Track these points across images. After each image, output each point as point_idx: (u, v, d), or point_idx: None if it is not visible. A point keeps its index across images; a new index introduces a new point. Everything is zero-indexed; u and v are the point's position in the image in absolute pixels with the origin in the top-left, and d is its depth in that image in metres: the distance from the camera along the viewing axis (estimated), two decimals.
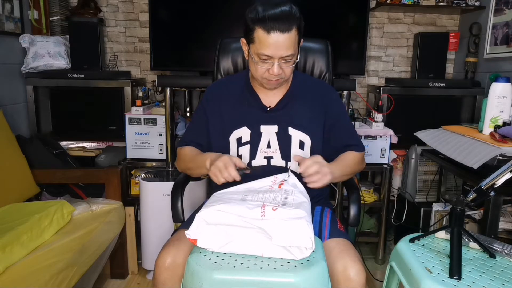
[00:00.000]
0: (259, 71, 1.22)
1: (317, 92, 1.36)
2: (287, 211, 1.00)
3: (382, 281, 1.74)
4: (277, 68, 1.18)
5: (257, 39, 1.16)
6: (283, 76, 1.23)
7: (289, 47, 1.16)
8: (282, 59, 1.18)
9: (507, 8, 2.19)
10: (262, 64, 1.20)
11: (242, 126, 1.30)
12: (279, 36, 1.14)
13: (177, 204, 1.29)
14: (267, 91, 1.32)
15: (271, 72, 1.20)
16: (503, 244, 1.14)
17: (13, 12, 2.23)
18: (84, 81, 2.34)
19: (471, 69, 2.49)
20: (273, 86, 1.28)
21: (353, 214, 1.25)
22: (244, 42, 1.25)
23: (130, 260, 2.09)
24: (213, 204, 1.05)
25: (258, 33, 1.15)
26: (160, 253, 1.11)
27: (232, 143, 1.31)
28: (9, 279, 1.23)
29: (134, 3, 2.66)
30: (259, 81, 1.28)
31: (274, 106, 1.32)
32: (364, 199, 2.32)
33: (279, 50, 1.15)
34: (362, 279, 1.05)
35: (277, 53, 1.16)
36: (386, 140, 2.25)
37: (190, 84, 2.24)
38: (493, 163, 1.45)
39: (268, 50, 1.15)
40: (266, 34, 1.14)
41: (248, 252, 1.01)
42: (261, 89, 1.33)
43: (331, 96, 1.38)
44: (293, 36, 1.16)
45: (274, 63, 1.18)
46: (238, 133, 1.31)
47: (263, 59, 1.18)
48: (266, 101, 1.33)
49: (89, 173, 2.03)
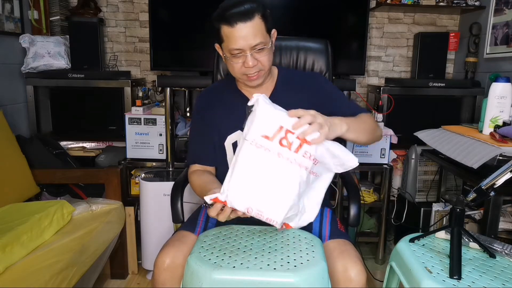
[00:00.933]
0: (236, 68, 1.21)
1: (304, 81, 1.35)
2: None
3: (382, 281, 1.74)
4: (251, 60, 1.17)
5: (225, 36, 1.17)
6: (261, 68, 1.21)
7: (256, 34, 1.15)
8: (254, 49, 1.17)
9: (507, 8, 2.19)
10: (236, 60, 1.19)
11: (235, 130, 1.29)
12: (242, 27, 1.13)
13: (177, 204, 1.29)
14: (255, 91, 1.30)
15: (246, 65, 1.18)
16: (503, 244, 1.14)
17: (13, 12, 2.23)
18: (84, 81, 2.34)
19: (471, 69, 2.49)
20: (256, 82, 1.25)
21: (353, 214, 1.25)
22: (218, 47, 1.25)
23: (130, 260, 2.09)
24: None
25: (224, 30, 1.16)
26: (159, 253, 1.11)
27: (228, 148, 1.31)
28: (9, 279, 1.23)
29: (134, 3, 2.66)
30: (241, 80, 1.27)
31: None
32: (364, 199, 2.32)
33: (246, 40, 1.15)
34: (362, 280, 1.05)
35: (245, 44, 1.15)
36: (386, 140, 2.25)
37: (190, 84, 2.24)
38: (493, 163, 1.45)
39: (236, 43, 1.15)
40: (230, 28, 1.14)
41: (271, 216, 1.01)
42: (249, 90, 1.31)
43: (319, 81, 1.36)
44: (257, 23, 1.15)
45: (246, 55, 1.17)
46: (233, 137, 1.30)
47: (235, 54, 1.18)
48: None
49: (89, 173, 2.03)
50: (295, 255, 1.01)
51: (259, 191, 1.00)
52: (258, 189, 1.00)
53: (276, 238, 1.10)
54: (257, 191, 1.00)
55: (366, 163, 2.29)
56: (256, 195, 1.00)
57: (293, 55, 1.55)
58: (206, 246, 1.05)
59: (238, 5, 1.14)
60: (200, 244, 1.06)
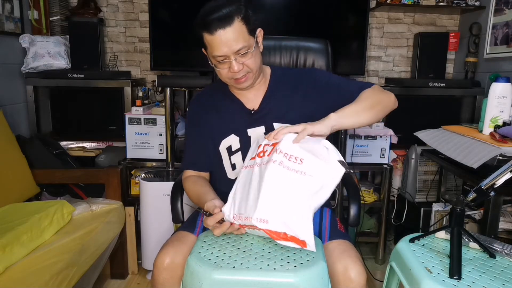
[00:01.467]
0: (223, 73, 1.20)
1: (299, 79, 1.32)
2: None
3: (382, 281, 1.74)
4: (236, 65, 1.16)
5: (208, 43, 1.15)
6: (248, 70, 1.20)
7: (237, 39, 1.13)
8: (237, 54, 1.15)
9: (507, 8, 2.19)
10: (221, 66, 1.18)
11: (229, 135, 1.28)
12: (222, 33, 1.11)
13: (176, 204, 1.29)
14: (248, 94, 1.30)
15: (232, 70, 1.17)
16: (503, 244, 1.14)
17: (13, 12, 2.23)
18: (84, 81, 2.34)
19: (471, 69, 2.49)
20: (245, 85, 1.23)
21: (353, 214, 1.25)
22: (205, 52, 1.23)
23: (130, 260, 2.09)
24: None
25: (206, 38, 1.14)
26: (159, 254, 1.11)
27: (223, 152, 1.30)
28: (9, 279, 1.23)
29: (134, 3, 2.66)
30: (230, 84, 1.26)
31: (258, 107, 1.29)
32: (364, 199, 2.32)
33: (228, 46, 1.13)
34: (362, 280, 1.05)
35: (228, 50, 1.13)
36: (386, 140, 2.25)
37: (190, 84, 2.24)
38: (493, 163, 1.45)
39: (219, 50, 1.14)
40: (211, 35, 1.12)
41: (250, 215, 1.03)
42: (242, 93, 1.30)
43: (315, 75, 1.32)
44: (237, 27, 1.13)
45: (231, 61, 1.16)
46: (227, 142, 1.29)
47: (220, 60, 1.16)
48: (249, 104, 1.30)
49: (89, 173, 2.03)
50: (295, 255, 1.01)
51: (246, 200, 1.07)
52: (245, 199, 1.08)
53: None
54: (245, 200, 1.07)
55: (366, 163, 2.29)
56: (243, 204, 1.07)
57: (293, 55, 1.55)
58: (206, 246, 1.05)
59: (216, 10, 1.12)
60: (200, 244, 1.06)
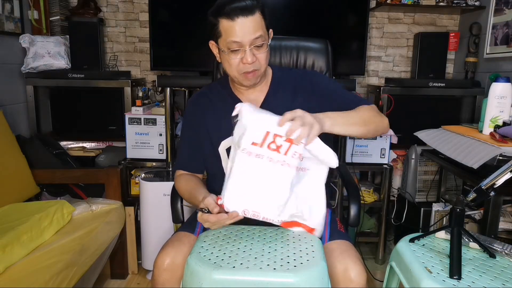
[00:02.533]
0: (233, 63, 1.19)
1: (300, 81, 1.32)
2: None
3: (382, 281, 1.75)
4: (249, 55, 1.16)
5: (223, 31, 1.16)
6: (258, 66, 1.19)
7: (256, 29, 1.14)
8: (253, 44, 1.16)
9: (507, 8, 2.19)
10: (234, 55, 1.17)
11: (228, 135, 1.26)
12: (243, 20, 1.13)
13: (177, 204, 1.29)
14: (249, 94, 1.29)
15: (244, 61, 1.17)
16: (503, 244, 1.14)
17: (13, 12, 2.23)
18: (84, 81, 2.34)
19: (471, 69, 2.49)
20: (252, 81, 1.23)
21: (353, 214, 1.25)
22: (213, 44, 1.23)
23: (130, 260, 2.09)
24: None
25: (222, 24, 1.15)
26: (159, 254, 1.11)
27: (222, 153, 1.29)
28: (9, 279, 1.23)
29: (134, 3, 2.66)
30: (236, 79, 1.24)
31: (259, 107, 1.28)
32: (364, 199, 2.32)
33: (246, 34, 1.14)
34: (363, 280, 1.05)
35: (245, 38, 1.14)
36: (386, 140, 2.25)
37: (190, 84, 2.23)
38: (493, 163, 1.45)
39: (236, 36, 1.14)
40: (231, 21, 1.13)
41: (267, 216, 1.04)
42: (243, 93, 1.30)
43: (315, 79, 1.33)
44: (258, 18, 1.15)
45: (246, 50, 1.16)
46: (227, 143, 1.27)
47: (234, 48, 1.16)
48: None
49: (89, 173, 2.03)
50: (295, 255, 1.01)
51: (254, 194, 1.05)
52: (253, 192, 1.05)
53: (276, 238, 1.10)
54: (252, 194, 1.05)
55: (366, 163, 2.29)
56: (251, 197, 1.06)
57: (293, 55, 1.54)
58: (206, 246, 1.05)
59: (239, 0, 1.13)
60: (200, 244, 1.06)
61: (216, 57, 1.25)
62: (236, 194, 1.05)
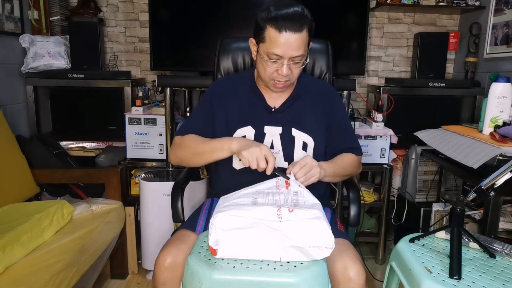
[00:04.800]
0: (268, 71, 1.21)
1: (321, 94, 1.37)
2: (303, 211, 0.99)
3: (382, 281, 1.74)
4: (286, 69, 1.18)
5: (268, 38, 1.16)
6: (290, 78, 1.23)
7: (300, 47, 1.16)
8: (292, 60, 1.18)
9: (507, 8, 2.19)
10: (271, 64, 1.19)
11: (247, 125, 1.30)
12: (290, 36, 1.14)
13: (177, 204, 1.29)
14: (273, 93, 1.33)
15: (279, 72, 1.20)
16: (503, 244, 1.14)
17: (13, 12, 2.23)
18: (84, 81, 2.34)
19: (471, 69, 2.49)
20: (280, 89, 1.28)
21: (353, 214, 1.25)
22: (253, 42, 1.25)
23: (130, 260, 2.09)
24: (225, 209, 1.02)
25: (269, 32, 1.16)
26: (160, 253, 1.11)
27: None
28: (9, 279, 1.23)
29: (134, 3, 2.66)
30: (265, 82, 1.27)
31: (279, 107, 1.33)
32: (364, 199, 2.32)
33: (289, 50, 1.15)
34: (362, 279, 1.05)
35: (287, 53, 1.16)
36: (386, 140, 2.25)
37: (190, 84, 2.24)
38: (493, 163, 1.45)
39: (279, 49, 1.15)
40: (278, 33, 1.14)
41: (266, 258, 0.98)
42: (267, 89, 1.33)
43: (334, 99, 1.39)
44: (304, 36, 1.16)
45: (283, 63, 1.18)
46: (242, 131, 1.30)
47: (273, 59, 1.18)
48: (271, 102, 1.33)
49: (89, 173, 2.03)
50: None
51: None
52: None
53: None
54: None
55: (366, 163, 2.28)
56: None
57: None
58: (206, 246, 1.05)
59: (292, 13, 1.14)
60: (200, 244, 1.06)
61: (253, 54, 1.27)
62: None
